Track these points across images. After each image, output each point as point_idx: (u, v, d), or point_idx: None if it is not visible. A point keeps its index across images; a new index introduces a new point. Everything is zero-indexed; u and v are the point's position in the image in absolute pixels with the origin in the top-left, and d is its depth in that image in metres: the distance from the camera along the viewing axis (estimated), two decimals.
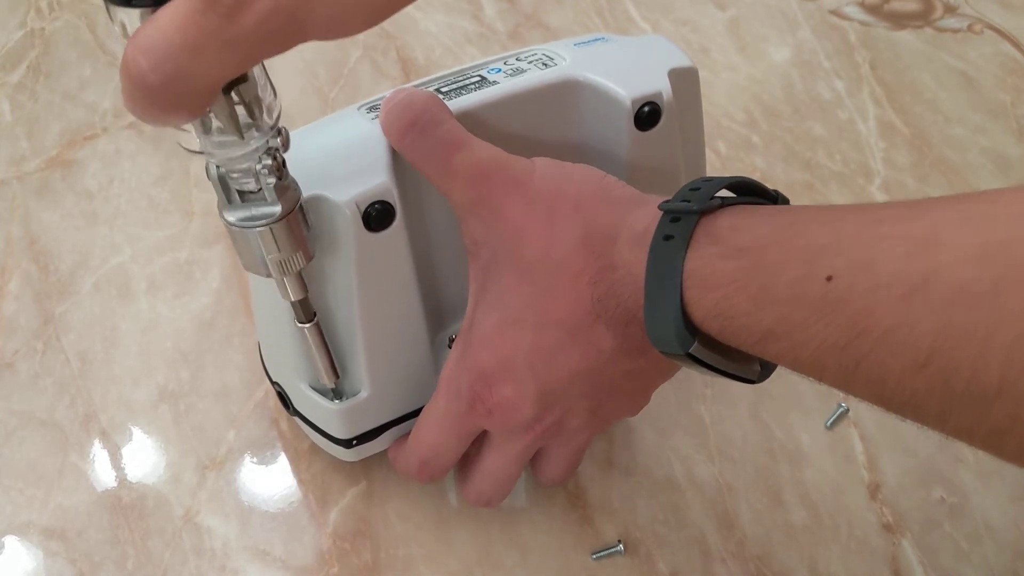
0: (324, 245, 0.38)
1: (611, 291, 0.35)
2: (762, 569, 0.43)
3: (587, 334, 0.35)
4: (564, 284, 0.35)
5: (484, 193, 0.37)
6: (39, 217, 0.57)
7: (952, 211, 0.27)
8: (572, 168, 0.37)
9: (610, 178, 0.37)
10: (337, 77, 0.65)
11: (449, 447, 0.40)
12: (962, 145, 0.61)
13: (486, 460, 0.40)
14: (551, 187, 0.36)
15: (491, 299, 0.37)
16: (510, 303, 0.37)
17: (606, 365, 0.36)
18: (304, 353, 0.40)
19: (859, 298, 0.27)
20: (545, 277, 0.36)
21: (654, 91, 0.41)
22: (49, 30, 0.68)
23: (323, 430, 0.43)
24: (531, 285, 0.36)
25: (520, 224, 0.36)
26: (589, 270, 0.35)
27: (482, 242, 0.38)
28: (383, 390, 0.41)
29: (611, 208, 0.36)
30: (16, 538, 0.44)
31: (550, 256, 0.36)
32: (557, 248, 0.35)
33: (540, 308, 0.36)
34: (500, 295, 0.37)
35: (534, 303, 0.36)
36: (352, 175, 0.37)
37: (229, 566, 0.43)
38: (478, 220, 0.37)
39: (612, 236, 0.35)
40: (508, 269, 0.37)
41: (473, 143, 0.37)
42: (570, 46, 0.43)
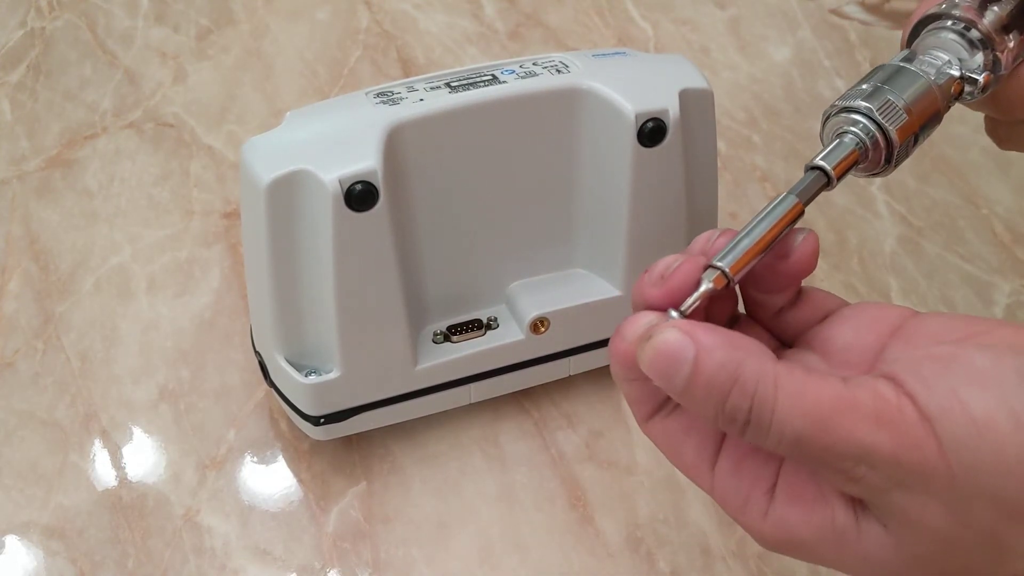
0: (307, 221, 0.39)
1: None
2: (763, 568, 0.43)
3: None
4: None
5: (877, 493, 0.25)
6: (39, 216, 0.57)
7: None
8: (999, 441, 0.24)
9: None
10: (337, 77, 0.65)
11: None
12: (963, 144, 0.61)
13: None
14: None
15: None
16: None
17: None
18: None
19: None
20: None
21: (660, 108, 0.41)
22: (49, 29, 0.68)
23: (293, 404, 0.44)
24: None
25: (934, 541, 0.25)
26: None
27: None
28: (355, 372, 0.42)
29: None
30: (16, 538, 0.44)
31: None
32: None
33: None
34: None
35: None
36: (342, 155, 0.38)
37: (229, 566, 0.43)
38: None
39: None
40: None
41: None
42: (588, 57, 0.44)
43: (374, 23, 0.68)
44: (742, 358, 0.25)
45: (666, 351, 0.25)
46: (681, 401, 0.26)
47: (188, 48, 0.67)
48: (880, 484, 0.24)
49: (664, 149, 0.42)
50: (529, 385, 0.47)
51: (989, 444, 0.23)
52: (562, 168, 0.44)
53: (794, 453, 0.25)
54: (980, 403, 0.23)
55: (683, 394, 0.25)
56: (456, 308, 0.45)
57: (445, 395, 0.45)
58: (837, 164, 0.30)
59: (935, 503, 0.24)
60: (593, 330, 0.46)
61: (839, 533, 0.26)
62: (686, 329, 0.25)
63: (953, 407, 0.24)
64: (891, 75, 0.33)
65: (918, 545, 0.25)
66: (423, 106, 0.40)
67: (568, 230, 0.46)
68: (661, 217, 0.44)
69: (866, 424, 0.24)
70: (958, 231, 0.57)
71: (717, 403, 0.25)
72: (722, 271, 0.27)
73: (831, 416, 0.24)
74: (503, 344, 0.45)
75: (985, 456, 0.23)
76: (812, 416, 0.24)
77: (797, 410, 0.24)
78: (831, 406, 0.24)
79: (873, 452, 0.24)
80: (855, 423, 0.24)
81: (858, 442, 0.24)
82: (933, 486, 0.24)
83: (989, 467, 0.23)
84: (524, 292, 0.45)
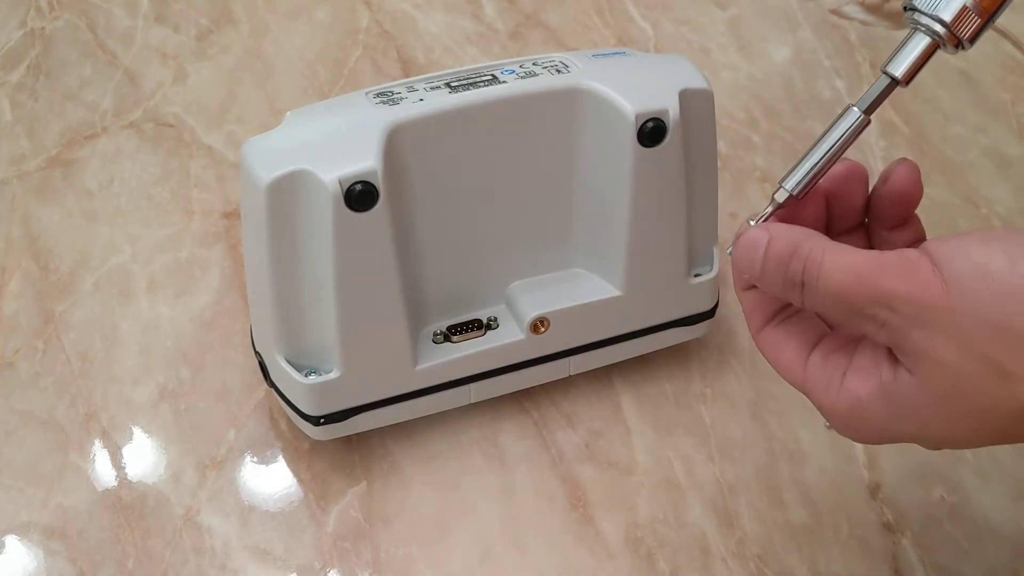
0: (307, 221, 0.39)
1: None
2: (762, 568, 0.43)
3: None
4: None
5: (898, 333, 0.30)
6: (39, 216, 0.57)
7: None
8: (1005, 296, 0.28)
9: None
10: (337, 77, 0.65)
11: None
12: (962, 144, 0.61)
13: None
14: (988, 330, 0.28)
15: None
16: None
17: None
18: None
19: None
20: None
21: (660, 108, 0.41)
22: (49, 30, 0.68)
23: (293, 404, 0.44)
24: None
25: (952, 377, 0.29)
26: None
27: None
28: (355, 372, 0.42)
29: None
30: (16, 538, 0.44)
31: (1000, 410, 0.28)
32: (1011, 408, 0.28)
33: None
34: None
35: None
36: (342, 155, 0.39)
37: (229, 565, 0.43)
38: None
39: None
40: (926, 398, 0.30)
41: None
42: (588, 57, 0.44)
43: (374, 23, 0.68)
44: (801, 237, 0.32)
45: (747, 240, 0.33)
46: (759, 283, 0.33)
47: (188, 48, 0.67)
48: (900, 325, 0.29)
49: (664, 149, 0.42)
50: (529, 385, 0.48)
51: (986, 281, 0.28)
52: (562, 168, 0.44)
53: (838, 306, 0.31)
54: (981, 250, 0.28)
55: (761, 272, 0.32)
56: (456, 308, 0.45)
57: (445, 395, 0.45)
58: (907, 68, 0.33)
59: (943, 337, 0.28)
60: (593, 330, 0.46)
61: (885, 387, 0.30)
62: (763, 225, 0.33)
63: (958, 254, 0.28)
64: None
65: (937, 381, 0.29)
66: (423, 106, 0.40)
67: (568, 230, 0.46)
68: (661, 217, 0.44)
69: (889, 275, 0.29)
70: (958, 231, 0.57)
71: (781, 269, 0.32)
72: (784, 188, 0.34)
73: (863, 271, 0.30)
74: (503, 344, 0.45)
75: (983, 291, 0.27)
76: (849, 272, 0.30)
77: (837, 269, 0.30)
78: (864, 265, 0.30)
79: (893, 295, 0.29)
80: (881, 275, 0.29)
81: (882, 288, 0.29)
82: (940, 321, 0.28)
83: (987, 300, 0.27)
84: (524, 292, 0.46)
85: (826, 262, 0.31)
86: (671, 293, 0.46)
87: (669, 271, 0.46)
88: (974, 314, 0.28)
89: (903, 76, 0.33)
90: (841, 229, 0.36)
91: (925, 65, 0.33)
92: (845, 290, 0.30)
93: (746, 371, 0.50)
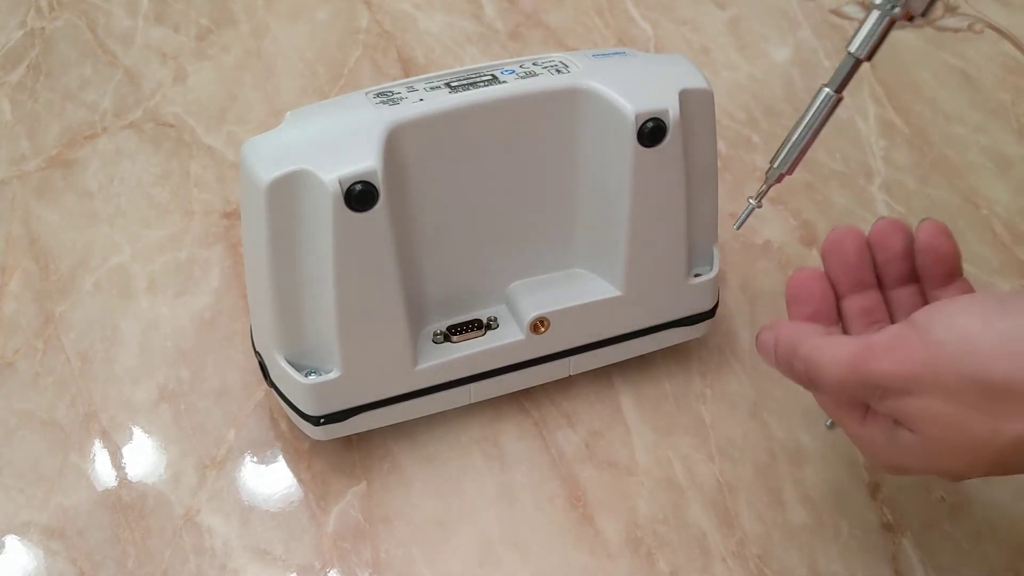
0: (307, 221, 0.39)
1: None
2: (762, 568, 0.43)
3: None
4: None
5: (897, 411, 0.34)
6: (39, 216, 0.57)
7: None
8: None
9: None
10: (337, 77, 0.65)
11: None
12: (962, 144, 0.61)
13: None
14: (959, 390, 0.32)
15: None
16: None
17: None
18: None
19: None
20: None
21: (660, 108, 0.41)
22: (49, 30, 0.68)
23: (293, 404, 0.44)
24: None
25: (943, 426, 0.33)
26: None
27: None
28: (355, 372, 0.42)
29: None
30: (16, 537, 0.44)
31: (991, 445, 0.32)
32: (999, 443, 0.32)
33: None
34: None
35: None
36: (342, 155, 0.39)
37: (229, 565, 0.43)
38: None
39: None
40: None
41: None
42: (588, 57, 0.44)
43: (374, 23, 0.68)
44: (799, 337, 0.36)
45: (760, 343, 0.38)
46: (780, 372, 0.38)
47: (188, 48, 0.67)
48: (894, 399, 0.33)
49: (664, 149, 0.42)
50: (529, 385, 0.48)
51: (966, 343, 0.31)
52: (562, 168, 0.44)
53: (841, 393, 0.36)
54: (961, 317, 0.32)
55: (777, 367, 0.38)
56: (456, 308, 0.45)
57: (445, 395, 0.45)
58: (864, 43, 0.37)
59: (935, 398, 0.32)
60: (593, 330, 0.46)
61: (892, 441, 0.35)
62: (772, 325, 0.38)
63: (942, 322, 0.32)
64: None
65: (933, 432, 0.33)
66: (423, 106, 0.40)
67: (568, 230, 0.46)
68: (661, 217, 0.44)
69: (877, 359, 0.33)
70: (958, 231, 0.57)
71: (790, 369, 0.37)
72: (773, 167, 0.39)
73: (854, 361, 0.34)
74: (503, 344, 0.45)
75: (963, 351, 0.31)
76: (841, 364, 0.34)
77: (832, 363, 0.34)
78: (854, 354, 0.34)
79: (882, 377, 0.33)
80: (870, 360, 0.33)
81: (873, 373, 0.33)
82: (929, 384, 0.32)
83: (968, 359, 0.31)
84: (524, 292, 0.46)
85: (824, 360, 0.35)
86: (671, 293, 0.46)
87: (669, 271, 0.46)
88: (958, 372, 0.32)
89: (865, 54, 0.36)
90: (891, 281, 0.40)
91: (885, 40, 0.36)
92: (842, 381, 0.34)
93: (746, 371, 0.50)
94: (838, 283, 0.40)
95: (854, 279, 0.40)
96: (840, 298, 0.40)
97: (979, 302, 0.33)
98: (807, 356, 0.36)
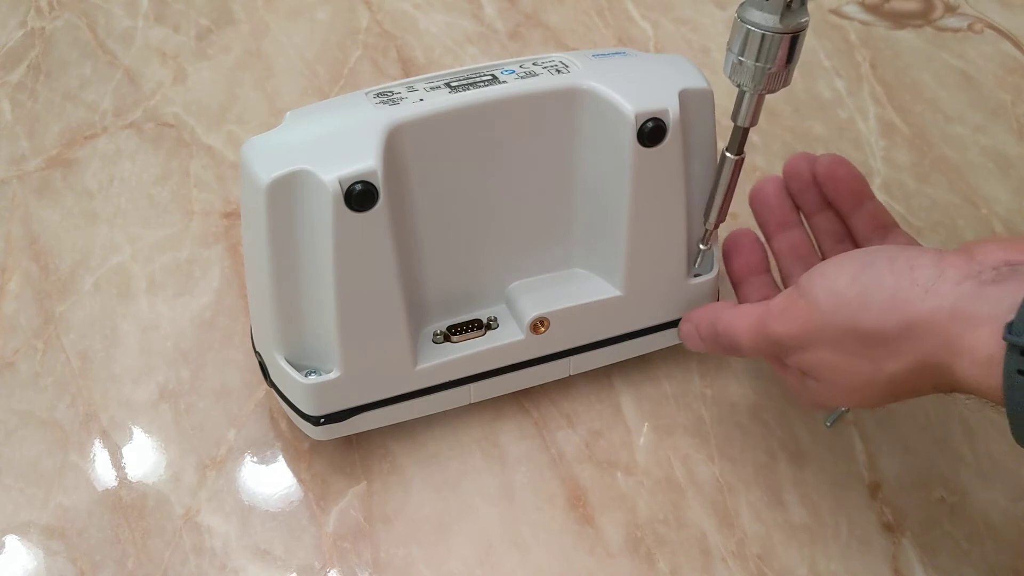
0: (307, 221, 0.39)
1: (946, 386, 0.35)
2: (762, 568, 0.43)
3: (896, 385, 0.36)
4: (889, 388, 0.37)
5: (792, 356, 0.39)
6: (39, 216, 0.57)
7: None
8: (856, 293, 0.36)
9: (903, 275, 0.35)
10: (337, 77, 0.65)
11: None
12: (962, 144, 0.61)
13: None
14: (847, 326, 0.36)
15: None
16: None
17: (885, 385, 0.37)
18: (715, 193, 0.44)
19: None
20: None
21: (660, 108, 0.41)
22: (49, 29, 0.68)
23: (293, 404, 0.44)
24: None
25: (835, 371, 0.38)
26: (923, 389, 0.36)
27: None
28: (355, 372, 0.42)
29: (932, 334, 0.34)
30: (16, 537, 0.44)
31: (876, 382, 0.37)
32: (882, 380, 0.36)
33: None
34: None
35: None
36: (342, 155, 0.39)
37: (229, 565, 0.43)
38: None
39: (944, 366, 0.34)
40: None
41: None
42: (588, 57, 0.44)
43: (374, 23, 0.68)
44: (714, 316, 0.43)
45: (684, 335, 0.46)
46: (708, 351, 0.45)
47: (188, 48, 0.67)
48: (793, 355, 0.39)
49: (664, 149, 0.42)
50: (529, 385, 0.48)
51: (835, 296, 0.36)
52: (562, 168, 0.44)
53: (760, 354, 0.41)
54: (832, 276, 0.36)
55: (705, 349, 0.44)
56: (456, 308, 0.45)
57: (445, 395, 0.45)
58: (749, 117, 0.41)
59: (824, 350, 0.37)
60: (593, 330, 0.46)
61: (808, 393, 0.40)
62: (686, 317, 0.46)
63: (818, 283, 0.37)
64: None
65: (835, 377, 0.37)
66: (423, 106, 0.40)
67: (568, 230, 0.46)
68: (661, 217, 0.44)
69: (773, 322, 0.39)
70: (958, 231, 0.57)
71: (715, 345, 0.43)
72: (706, 228, 0.45)
73: (759, 324, 0.40)
74: (503, 344, 0.45)
75: (834, 304, 0.36)
76: (752, 329, 0.40)
77: (745, 330, 0.41)
78: (758, 320, 0.40)
79: (780, 337, 0.39)
80: (769, 324, 0.39)
81: (772, 335, 0.39)
82: (816, 338, 0.37)
83: (839, 311, 0.36)
84: (524, 292, 0.46)
85: (737, 330, 0.41)
86: (671, 293, 0.46)
87: (669, 271, 0.46)
88: (836, 326, 0.36)
89: (749, 122, 0.40)
90: (811, 208, 0.46)
91: (762, 106, 0.40)
92: (754, 344, 0.40)
93: (746, 371, 0.50)
94: (767, 225, 0.46)
95: (778, 219, 0.46)
96: (770, 240, 0.46)
97: (850, 259, 0.37)
98: (724, 330, 0.42)
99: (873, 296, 0.35)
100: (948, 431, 0.48)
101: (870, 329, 0.35)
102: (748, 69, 0.38)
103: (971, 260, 0.34)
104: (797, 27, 0.37)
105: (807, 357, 0.38)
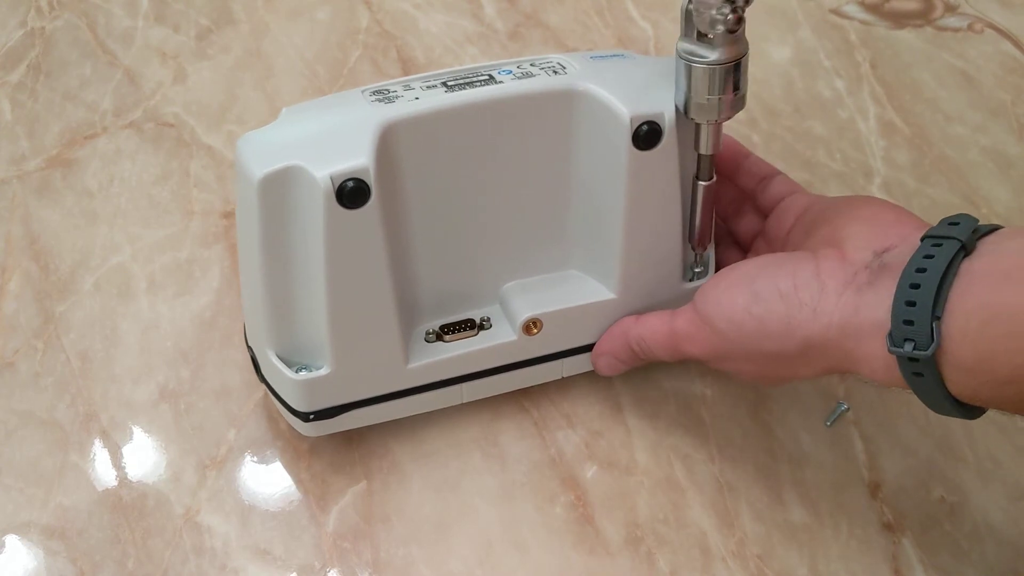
0: (299, 217, 0.39)
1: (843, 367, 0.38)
2: (762, 568, 0.43)
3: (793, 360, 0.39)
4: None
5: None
6: (39, 216, 0.57)
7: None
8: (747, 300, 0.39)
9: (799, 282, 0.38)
10: (337, 76, 0.65)
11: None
12: (962, 144, 0.61)
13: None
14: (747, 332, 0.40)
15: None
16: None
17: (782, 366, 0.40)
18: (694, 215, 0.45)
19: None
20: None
21: (656, 111, 0.41)
22: (49, 29, 0.68)
23: (283, 400, 0.44)
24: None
25: (756, 375, 0.42)
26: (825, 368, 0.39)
27: None
28: (345, 369, 0.42)
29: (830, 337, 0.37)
30: (16, 537, 0.44)
31: (797, 377, 0.42)
32: (801, 376, 0.41)
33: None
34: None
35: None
36: (335, 152, 0.39)
37: (229, 565, 0.43)
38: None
39: (852, 368, 0.37)
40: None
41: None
42: (586, 58, 0.44)
43: (374, 23, 0.68)
44: (622, 334, 0.45)
45: (602, 368, 0.48)
46: (631, 368, 0.47)
47: (188, 48, 0.67)
48: (715, 364, 0.42)
49: (659, 152, 0.41)
50: (521, 386, 0.48)
51: (739, 329, 0.39)
52: (557, 169, 0.44)
53: (679, 360, 0.44)
54: (728, 306, 0.40)
55: (628, 368, 0.47)
56: (449, 307, 0.45)
57: (436, 394, 0.45)
58: (711, 144, 0.42)
59: (739, 362, 0.41)
60: (586, 332, 0.46)
61: (738, 376, 0.44)
62: (593, 352, 0.47)
63: (716, 311, 0.40)
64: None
65: (758, 377, 0.42)
66: (418, 104, 0.40)
67: (563, 231, 0.46)
68: (656, 220, 0.44)
69: (685, 344, 0.42)
70: None
71: (635, 360, 0.46)
72: (692, 249, 0.46)
73: (670, 343, 0.43)
74: (495, 344, 0.45)
75: (741, 337, 0.39)
76: (665, 345, 0.43)
77: (657, 344, 0.44)
78: (668, 337, 0.43)
79: (697, 356, 0.42)
80: (681, 345, 0.42)
81: (688, 353, 0.42)
82: (730, 357, 0.41)
83: (745, 344, 0.39)
84: (518, 293, 0.45)
85: (649, 343, 0.44)
86: (666, 296, 0.46)
87: (664, 274, 0.46)
88: (742, 349, 0.40)
89: (711, 150, 0.42)
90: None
91: (720, 135, 0.42)
92: (671, 355, 0.43)
93: None
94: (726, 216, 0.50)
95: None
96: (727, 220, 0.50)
97: (738, 285, 0.40)
98: (637, 340, 0.44)
99: (769, 326, 0.38)
100: (948, 431, 0.48)
101: (774, 352, 0.38)
102: (701, 104, 0.40)
103: (844, 261, 0.37)
104: (736, 55, 0.38)
105: (726, 366, 0.42)
